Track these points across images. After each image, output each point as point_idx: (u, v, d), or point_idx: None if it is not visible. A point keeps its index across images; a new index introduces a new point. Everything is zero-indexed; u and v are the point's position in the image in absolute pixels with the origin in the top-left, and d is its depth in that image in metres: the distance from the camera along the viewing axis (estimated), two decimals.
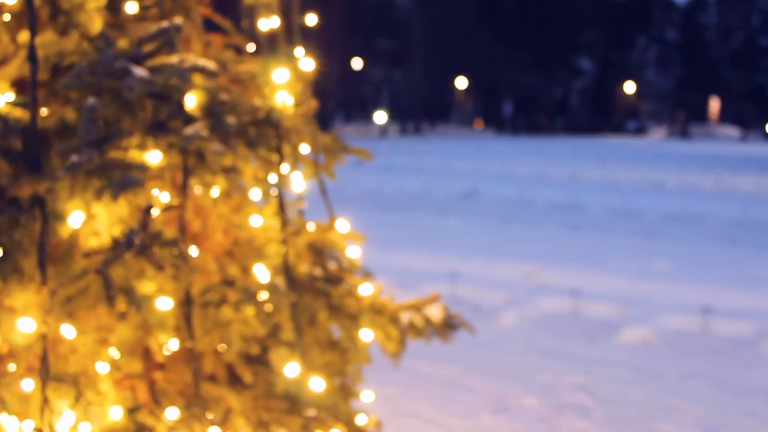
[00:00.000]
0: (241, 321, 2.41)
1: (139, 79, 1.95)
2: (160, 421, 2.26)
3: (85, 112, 1.93)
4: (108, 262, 1.94)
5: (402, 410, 5.81)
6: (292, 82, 2.71)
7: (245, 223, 2.87)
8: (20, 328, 2.08)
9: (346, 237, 3.03)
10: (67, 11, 2.34)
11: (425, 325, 3.17)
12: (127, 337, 2.34)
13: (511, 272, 10.09)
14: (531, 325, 8.12)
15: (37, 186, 1.99)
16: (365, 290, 2.92)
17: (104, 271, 1.91)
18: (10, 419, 2.23)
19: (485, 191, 19.70)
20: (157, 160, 2.23)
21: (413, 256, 10.87)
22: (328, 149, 3.28)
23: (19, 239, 2.10)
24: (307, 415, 2.53)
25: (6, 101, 2.18)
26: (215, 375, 2.57)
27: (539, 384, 6.39)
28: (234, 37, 3.19)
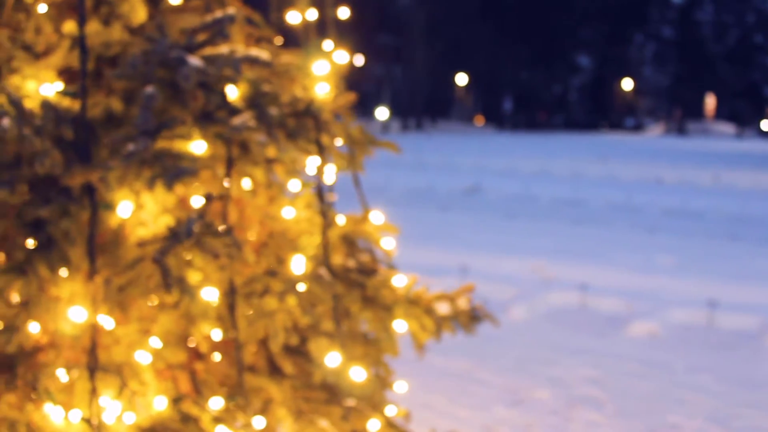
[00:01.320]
0: (285, 311, 2.41)
1: (194, 69, 1.95)
2: (204, 411, 2.27)
3: (143, 101, 1.93)
4: (164, 251, 1.95)
5: (417, 403, 5.82)
6: (331, 74, 2.72)
7: (279, 214, 2.87)
8: (71, 318, 2.08)
9: (381, 229, 3.03)
10: (110, 2, 2.34)
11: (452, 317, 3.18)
12: (170, 328, 2.35)
13: (519, 267, 10.11)
14: (540, 319, 8.14)
15: (90, 175, 2.00)
16: (399, 281, 2.93)
17: (161, 260, 1.91)
18: (55, 409, 2.24)
19: (489, 187, 19.72)
20: (202, 150, 2.24)
21: (422, 251, 10.87)
22: (357, 142, 3.29)
23: (66, 229, 2.11)
24: (347, 405, 2.54)
25: (55, 91, 2.18)
26: (256, 365, 2.58)
27: (551, 377, 6.41)
28: (263, 30, 3.19)
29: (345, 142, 3.10)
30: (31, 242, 2.13)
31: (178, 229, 2.00)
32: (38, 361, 2.30)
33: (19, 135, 1.96)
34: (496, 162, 26.23)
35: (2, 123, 1.94)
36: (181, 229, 1.99)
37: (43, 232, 2.10)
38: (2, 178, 1.98)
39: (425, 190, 19.41)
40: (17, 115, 1.99)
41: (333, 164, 3.10)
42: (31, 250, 2.12)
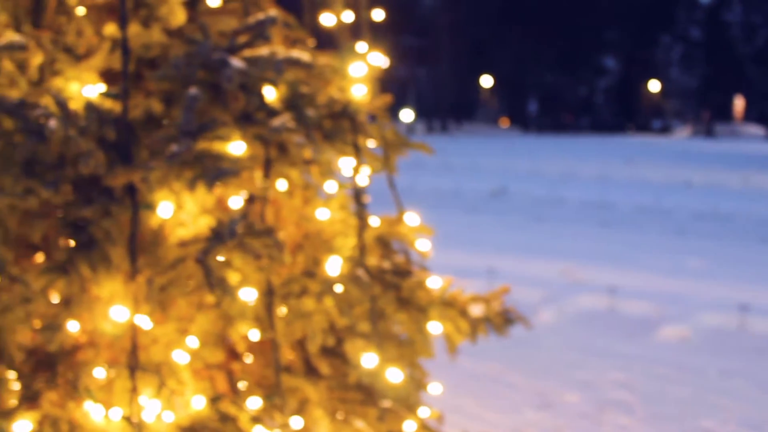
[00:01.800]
0: (323, 312, 2.42)
1: (237, 71, 1.96)
2: (242, 411, 2.28)
3: (186, 102, 1.95)
4: (207, 251, 1.96)
5: (447, 406, 5.79)
6: (367, 75, 2.72)
7: (313, 216, 2.88)
8: (112, 317, 2.10)
9: (416, 230, 3.03)
10: (150, 4, 2.36)
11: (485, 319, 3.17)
12: (208, 328, 2.36)
13: (547, 269, 10.07)
14: (569, 322, 8.10)
15: (132, 175, 2.02)
16: (434, 283, 2.93)
17: (204, 260, 1.92)
18: (95, 407, 2.26)
19: (515, 189, 19.65)
20: (241, 151, 2.25)
21: (449, 253, 10.84)
22: (390, 143, 3.29)
23: (108, 229, 2.13)
24: (383, 406, 2.54)
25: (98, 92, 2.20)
26: (291, 366, 2.58)
27: (580, 380, 6.37)
28: (297, 32, 3.19)
29: (379, 144, 3.10)
30: (72, 242, 2.16)
31: (221, 229, 2.01)
32: (78, 360, 2.32)
33: (65, 136, 1.99)
34: (522, 164, 26.12)
35: (49, 124, 1.96)
36: (224, 229, 2.00)
37: (84, 232, 2.12)
38: (47, 179, 2.01)
39: (451, 192, 19.39)
40: (63, 116, 2.02)
41: (367, 166, 3.10)
42: (72, 249, 2.14)
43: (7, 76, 2.11)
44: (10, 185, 1.99)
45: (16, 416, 2.17)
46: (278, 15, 2.44)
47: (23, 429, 2.18)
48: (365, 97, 2.68)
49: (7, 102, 1.96)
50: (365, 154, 3.09)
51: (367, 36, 3.00)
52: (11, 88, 2.11)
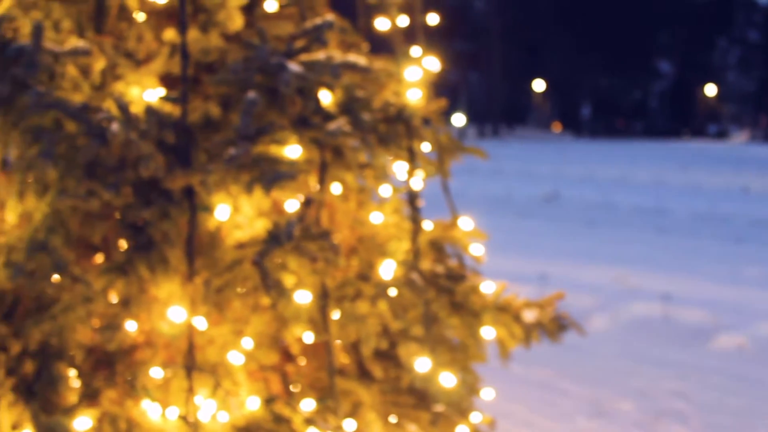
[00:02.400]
0: (377, 315, 2.43)
1: (294, 75, 1.98)
2: (296, 413, 2.29)
3: (245, 106, 1.97)
4: (264, 254, 1.98)
5: (498, 412, 5.75)
6: (423, 80, 2.72)
7: (367, 219, 2.89)
8: (169, 318, 2.13)
9: (470, 235, 3.03)
10: (208, 9, 2.39)
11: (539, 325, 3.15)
12: (262, 329, 2.38)
13: (600, 276, 9.94)
14: (622, 330, 7.99)
15: (191, 178, 2.05)
16: (487, 288, 2.91)
17: (261, 262, 1.94)
18: (153, 406, 2.30)
19: (568, 195, 19.46)
20: (297, 155, 2.26)
21: (500, 258, 10.77)
22: (444, 148, 3.29)
23: (166, 231, 2.16)
24: (436, 411, 2.54)
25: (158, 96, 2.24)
26: (345, 368, 2.59)
27: (634, 389, 6.28)
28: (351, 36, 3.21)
29: (433, 148, 3.10)
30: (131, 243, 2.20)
31: (278, 232, 2.03)
32: (136, 359, 2.36)
33: (126, 139, 2.02)
34: (574, 169, 25.86)
35: (111, 127, 2.00)
36: (281, 232, 2.02)
37: (143, 233, 2.16)
38: (108, 181, 2.05)
39: (503, 197, 19.27)
40: (124, 119, 2.06)
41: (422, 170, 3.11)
42: (131, 250, 2.18)
43: (70, 80, 2.16)
44: (72, 187, 2.04)
45: (77, 413, 2.22)
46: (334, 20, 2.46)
47: (83, 426, 2.22)
48: (420, 101, 2.68)
49: (71, 106, 2.00)
50: (420, 158, 3.09)
51: (422, 40, 3.00)
52: (75, 92, 2.16)
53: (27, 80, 1.97)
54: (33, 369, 2.29)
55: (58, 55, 2.07)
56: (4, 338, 2.25)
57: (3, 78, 1.97)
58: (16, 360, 2.28)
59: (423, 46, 3.06)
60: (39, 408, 2.20)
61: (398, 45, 2.97)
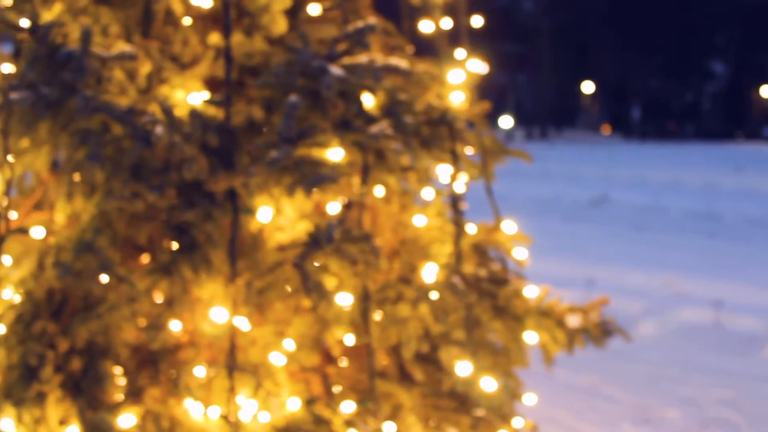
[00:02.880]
0: (418, 319, 2.43)
1: (336, 78, 1.99)
2: (336, 414, 2.30)
3: (286, 109, 1.99)
4: (305, 256, 1.99)
5: (542, 417, 5.70)
6: (466, 82, 2.72)
7: (410, 222, 2.89)
8: (212, 318, 2.16)
9: (513, 238, 3.01)
10: (252, 14, 2.42)
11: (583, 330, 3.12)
12: (304, 331, 2.40)
13: (648, 281, 9.79)
14: (671, 336, 7.86)
15: (233, 181, 2.07)
16: (530, 292, 2.90)
17: (301, 264, 1.96)
18: (195, 405, 2.33)
19: (616, 198, 19.20)
20: (339, 157, 2.28)
21: (545, 261, 10.66)
22: (488, 151, 3.27)
23: (210, 232, 2.19)
24: (477, 415, 2.53)
25: (202, 99, 2.27)
26: (386, 371, 2.60)
27: (682, 397, 6.17)
28: (395, 39, 3.21)
29: (477, 151, 3.09)
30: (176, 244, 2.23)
31: (319, 234, 2.04)
32: (180, 358, 2.39)
33: (170, 142, 2.05)
34: (623, 172, 25.51)
35: (155, 130, 2.04)
36: (322, 234, 2.03)
37: (187, 235, 2.19)
38: (153, 183, 2.08)
39: (549, 200, 19.09)
40: (168, 122, 2.09)
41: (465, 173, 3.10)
42: (175, 251, 2.21)
43: (117, 84, 2.20)
44: (118, 189, 2.08)
45: (121, 411, 2.26)
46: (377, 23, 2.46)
47: (127, 423, 2.26)
48: (463, 103, 2.67)
49: (117, 109, 2.04)
50: (463, 161, 3.09)
51: (466, 42, 3.00)
52: (121, 96, 2.20)
53: (75, 84, 2.02)
54: (80, 366, 2.34)
55: (106, 59, 2.11)
56: (53, 336, 2.30)
57: (52, 82, 2.01)
58: (64, 357, 2.33)
59: (467, 49, 3.05)
60: (85, 404, 2.25)
61: (442, 47, 2.97)
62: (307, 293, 1.97)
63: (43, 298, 2.34)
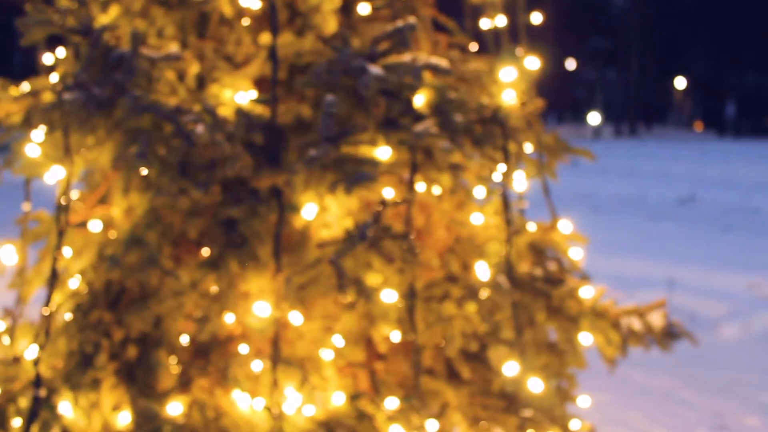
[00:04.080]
0: (463, 317, 2.42)
1: (374, 77, 2.00)
2: (379, 410, 2.32)
3: (324, 108, 2.01)
4: (341, 253, 2.02)
5: (613, 419, 5.62)
6: (519, 80, 2.69)
7: (467, 220, 2.88)
8: (255, 312, 2.20)
9: (569, 238, 2.97)
10: (304, 13, 2.45)
11: (645, 332, 3.05)
12: (352, 327, 2.42)
13: (733, 283, 9.48)
14: (754, 340, 7.60)
15: (276, 178, 2.10)
16: (586, 293, 2.85)
17: (337, 261, 1.98)
18: (242, 395, 2.38)
19: (704, 197, 18.64)
20: (386, 156, 2.29)
21: (627, 261, 10.48)
22: (550, 149, 3.24)
23: (256, 228, 2.23)
24: (524, 416, 2.51)
25: (249, 98, 2.32)
26: (434, 369, 2.60)
27: (763, 403, 5.96)
28: (458, 37, 3.21)
29: (536, 149, 3.06)
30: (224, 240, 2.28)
31: (354, 232, 2.06)
32: (230, 351, 2.45)
33: (212, 140, 2.11)
34: (714, 170, 24.72)
35: (196, 129, 2.09)
36: (356, 232, 2.05)
37: (235, 230, 2.24)
38: (198, 180, 2.14)
39: (635, 198, 18.66)
40: (211, 121, 2.14)
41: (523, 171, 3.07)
42: (224, 247, 2.27)
43: (168, 84, 2.26)
44: (166, 185, 2.14)
45: (170, 399, 2.33)
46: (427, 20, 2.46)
47: (175, 411, 2.33)
48: (514, 102, 2.65)
49: (164, 108, 2.10)
50: (522, 159, 3.06)
51: (524, 40, 2.97)
52: (171, 95, 2.27)
53: (125, 85, 2.08)
54: (135, 355, 2.42)
55: (155, 60, 2.17)
56: (109, 325, 2.39)
57: (105, 83, 2.09)
58: (120, 346, 2.42)
59: (525, 46, 3.03)
60: (138, 392, 2.33)
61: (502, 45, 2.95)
62: (341, 290, 1.99)
63: (101, 289, 2.42)
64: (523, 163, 3.15)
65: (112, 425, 2.33)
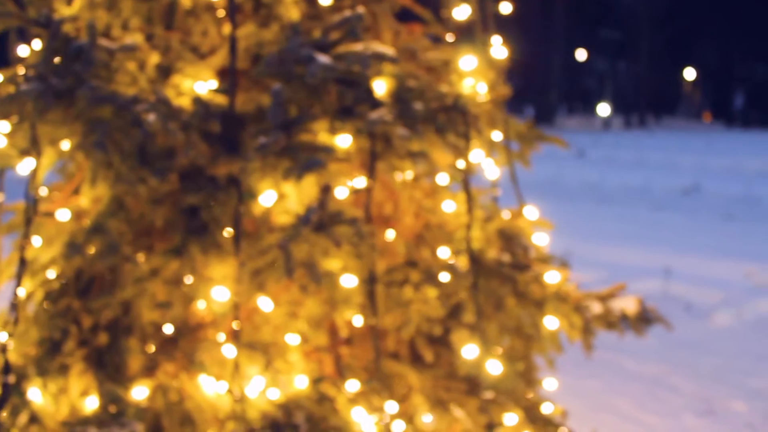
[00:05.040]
0: (421, 301, 2.47)
1: (322, 66, 2.05)
2: (341, 393, 2.37)
3: (272, 97, 2.06)
4: (289, 238, 2.06)
5: (601, 406, 5.67)
6: (483, 69, 2.73)
7: (437, 208, 2.93)
8: (215, 297, 2.25)
9: (535, 224, 3.01)
10: (268, 4, 2.50)
11: (618, 318, 3.09)
12: (315, 312, 2.47)
13: (730, 271, 9.50)
14: (747, 328, 7.63)
15: (232, 166, 2.15)
16: (551, 278, 2.89)
17: (285, 246, 2.03)
18: (208, 379, 2.44)
19: (708, 187, 18.60)
20: (346, 143, 2.33)
21: (627, 250, 10.51)
22: (524, 137, 3.27)
23: (217, 215, 2.28)
24: (485, 398, 2.56)
25: (209, 89, 2.37)
26: (398, 353, 2.65)
27: (751, 389, 6.00)
28: (433, 27, 3.24)
29: (505, 137, 3.10)
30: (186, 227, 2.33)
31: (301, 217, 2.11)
32: (198, 336, 2.50)
33: (164, 129, 2.16)
34: (719, 161, 24.63)
35: (149, 118, 2.14)
36: (302, 217, 2.10)
37: (197, 218, 2.29)
38: (155, 168, 2.19)
39: (641, 188, 18.65)
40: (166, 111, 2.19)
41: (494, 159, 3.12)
42: (186, 234, 2.32)
43: (128, 75, 2.32)
44: (126, 173, 2.19)
45: (135, 383, 2.39)
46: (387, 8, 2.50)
47: (140, 395, 2.38)
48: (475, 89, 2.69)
49: (121, 99, 2.15)
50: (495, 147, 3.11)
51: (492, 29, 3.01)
52: (131, 86, 2.32)
53: (84, 75, 2.13)
54: (106, 342, 2.48)
55: (112, 51, 2.22)
56: (78, 313, 2.45)
57: (64, 74, 2.14)
58: (90, 333, 2.47)
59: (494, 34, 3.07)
60: (105, 377, 2.38)
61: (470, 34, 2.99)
62: (288, 274, 2.04)
63: (71, 277, 2.48)
64: (495, 151, 3.20)
65: (79, 410, 2.39)
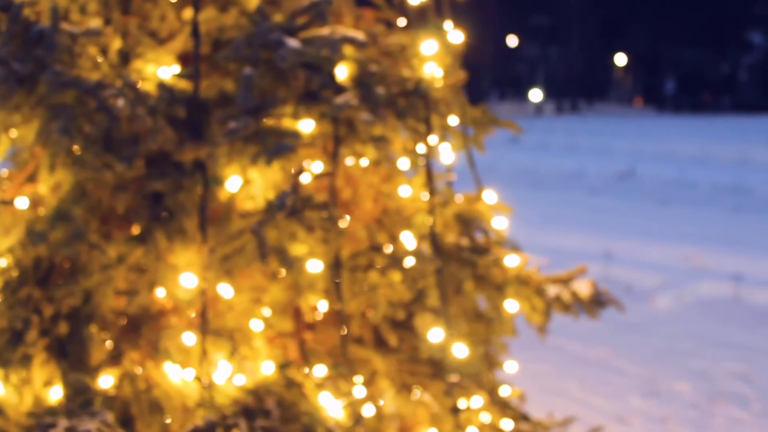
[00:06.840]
0: (387, 285, 2.49)
1: (291, 50, 2.04)
2: (308, 378, 2.37)
3: (242, 82, 2.04)
4: (262, 223, 2.06)
5: (549, 388, 5.78)
6: (441, 54, 2.75)
7: (394, 192, 2.95)
8: (182, 284, 2.23)
9: (494, 208, 3.05)
10: None
11: (573, 301, 3.15)
12: (279, 298, 2.47)
13: (668, 254, 9.75)
14: (687, 310, 7.85)
15: (199, 151, 2.14)
16: (511, 262, 2.94)
17: (258, 231, 2.02)
18: (173, 367, 2.42)
19: (643, 171, 19.03)
20: (310, 128, 2.33)
21: (566, 235, 10.70)
22: (478, 122, 3.30)
23: (182, 201, 2.26)
24: (450, 381, 2.59)
25: (172, 74, 2.34)
26: (362, 337, 2.67)
27: (693, 370, 6.18)
28: (385, 12, 3.25)
29: (461, 122, 3.12)
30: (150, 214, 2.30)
31: (274, 202, 2.10)
32: (162, 324, 2.48)
33: (133, 114, 2.13)
34: (652, 145, 25.21)
35: (118, 103, 2.11)
36: (276, 202, 2.09)
37: (161, 204, 2.27)
38: (122, 154, 2.16)
39: (575, 173, 18.99)
40: (133, 96, 2.16)
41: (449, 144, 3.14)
42: (150, 221, 2.29)
43: (91, 60, 2.27)
44: (91, 159, 2.15)
45: (101, 372, 2.36)
46: None
47: (106, 383, 2.36)
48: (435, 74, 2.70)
49: (86, 84, 2.11)
50: (449, 132, 3.13)
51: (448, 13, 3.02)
52: (94, 71, 2.28)
53: (46, 60, 2.09)
54: (67, 331, 2.43)
55: (75, 35, 2.18)
56: (38, 302, 2.40)
57: (25, 58, 2.09)
58: (51, 322, 2.43)
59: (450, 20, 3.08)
60: (69, 367, 2.35)
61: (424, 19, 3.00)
62: (262, 259, 2.04)
63: (30, 266, 2.43)
64: (449, 136, 3.22)
65: (44, 400, 2.35)
